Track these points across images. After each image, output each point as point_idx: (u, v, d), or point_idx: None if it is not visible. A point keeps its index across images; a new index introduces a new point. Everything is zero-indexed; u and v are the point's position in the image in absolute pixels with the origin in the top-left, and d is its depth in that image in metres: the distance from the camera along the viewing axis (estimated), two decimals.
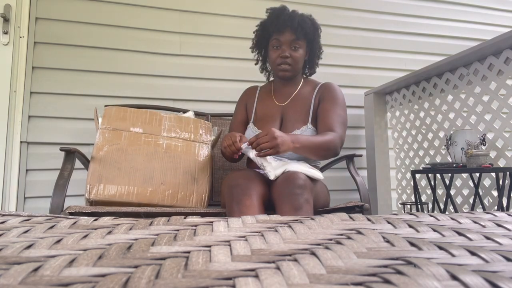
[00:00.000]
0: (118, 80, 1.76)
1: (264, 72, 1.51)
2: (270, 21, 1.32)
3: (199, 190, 1.30)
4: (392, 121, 2.01)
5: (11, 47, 1.66)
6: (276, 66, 1.34)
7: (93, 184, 1.18)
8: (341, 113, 1.31)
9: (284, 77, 1.35)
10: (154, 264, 0.24)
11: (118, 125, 1.30)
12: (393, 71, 2.18)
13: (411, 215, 0.40)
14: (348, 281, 0.21)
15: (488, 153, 1.27)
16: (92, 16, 1.76)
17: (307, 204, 1.00)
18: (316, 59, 1.44)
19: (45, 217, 0.39)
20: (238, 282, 0.21)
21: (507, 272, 0.23)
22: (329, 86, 1.37)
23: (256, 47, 1.44)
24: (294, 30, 1.28)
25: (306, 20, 1.31)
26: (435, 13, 2.36)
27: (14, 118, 1.61)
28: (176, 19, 1.88)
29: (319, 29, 1.38)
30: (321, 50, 1.44)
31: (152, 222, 0.36)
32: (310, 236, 0.31)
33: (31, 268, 0.23)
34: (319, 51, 1.43)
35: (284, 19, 1.28)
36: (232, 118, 1.49)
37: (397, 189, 1.99)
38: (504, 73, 1.31)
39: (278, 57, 1.31)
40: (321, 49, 1.44)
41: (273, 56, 1.33)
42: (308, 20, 1.31)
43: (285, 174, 1.07)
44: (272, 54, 1.34)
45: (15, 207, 1.57)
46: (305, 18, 1.31)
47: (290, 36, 1.29)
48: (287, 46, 1.30)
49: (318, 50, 1.42)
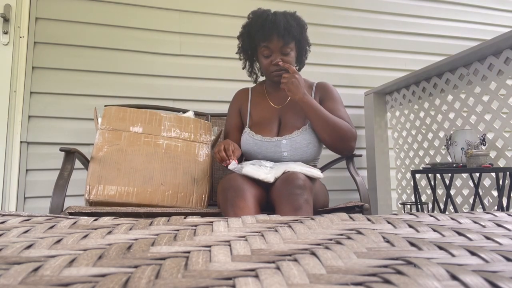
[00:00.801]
0: (118, 80, 1.76)
1: (252, 75, 1.48)
2: (255, 30, 1.29)
3: (199, 190, 1.30)
4: (392, 121, 2.01)
5: (11, 47, 1.66)
6: (270, 73, 1.32)
7: (92, 184, 1.18)
8: (345, 111, 1.34)
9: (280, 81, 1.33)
10: (154, 264, 0.24)
11: (118, 125, 1.30)
12: (393, 71, 2.19)
13: (411, 215, 0.40)
14: (348, 281, 0.21)
15: (488, 153, 1.27)
16: (92, 16, 1.76)
17: (306, 205, 0.99)
18: (305, 54, 1.43)
19: (45, 217, 0.39)
20: (238, 282, 0.21)
21: (507, 272, 0.23)
22: (326, 86, 1.38)
23: (243, 53, 1.42)
24: (281, 36, 1.26)
25: (291, 22, 1.28)
26: (435, 13, 2.36)
27: (14, 118, 1.61)
28: (176, 19, 1.88)
29: (305, 26, 1.36)
30: (310, 45, 1.42)
31: (152, 222, 0.36)
32: (310, 236, 0.31)
33: (31, 268, 0.23)
34: (308, 46, 1.42)
35: (269, 26, 1.25)
36: (226, 124, 1.46)
37: (397, 189, 1.99)
38: (504, 73, 1.31)
39: (271, 65, 1.30)
40: (310, 44, 1.42)
41: (265, 64, 1.31)
42: (293, 22, 1.29)
43: (284, 175, 1.07)
44: (263, 62, 1.32)
45: (15, 207, 1.57)
46: (290, 20, 1.28)
47: (279, 42, 1.27)
48: (278, 52, 1.29)
49: (306, 46, 1.40)
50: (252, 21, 1.32)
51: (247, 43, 1.36)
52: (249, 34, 1.33)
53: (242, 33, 1.38)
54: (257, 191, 1.08)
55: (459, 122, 1.54)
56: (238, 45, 1.42)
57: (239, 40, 1.40)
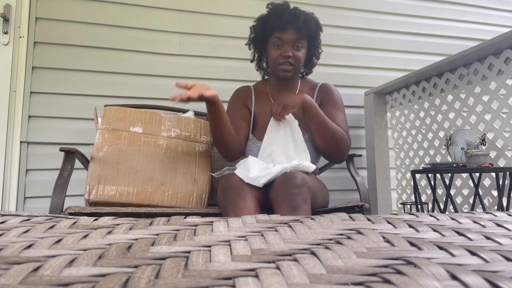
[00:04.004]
0: (118, 80, 1.76)
1: (260, 70, 1.46)
2: (273, 19, 1.27)
3: (199, 190, 1.30)
4: (392, 121, 2.01)
5: (11, 47, 1.66)
6: (277, 66, 1.29)
7: (92, 185, 1.18)
8: (345, 118, 1.31)
9: (285, 77, 1.30)
10: (154, 264, 0.24)
11: (118, 125, 1.30)
12: (393, 71, 2.19)
13: (411, 215, 0.40)
14: (348, 281, 0.21)
15: (488, 153, 1.27)
16: (92, 16, 1.76)
17: (305, 204, 0.99)
18: (315, 59, 1.42)
19: (45, 217, 0.39)
20: (238, 282, 0.21)
21: (507, 272, 0.23)
22: (328, 89, 1.35)
23: (253, 43, 1.38)
24: (298, 29, 1.24)
25: (310, 20, 1.27)
26: (435, 13, 2.36)
27: (14, 118, 1.61)
28: (176, 19, 1.88)
29: (321, 29, 1.35)
30: (321, 51, 1.41)
31: (152, 222, 0.36)
32: (310, 236, 0.31)
33: (31, 268, 0.23)
34: (319, 52, 1.40)
35: (288, 18, 1.24)
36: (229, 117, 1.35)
37: (397, 189, 1.99)
38: (504, 73, 1.31)
39: (280, 56, 1.27)
40: (321, 50, 1.41)
41: (274, 55, 1.28)
42: (312, 20, 1.28)
43: (282, 175, 1.06)
44: (273, 53, 1.28)
45: (15, 207, 1.57)
46: (309, 17, 1.27)
47: (294, 35, 1.25)
48: (290, 45, 1.26)
49: (317, 51, 1.39)
50: (271, 10, 1.29)
51: (260, 32, 1.32)
52: (264, 23, 1.30)
53: (256, 23, 1.35)
54: (257, 191, 1.07)
55: (459, 122, 1.54)
56: (249, 35, 1.39)
57: (251, 30, 1.37)
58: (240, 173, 1.08)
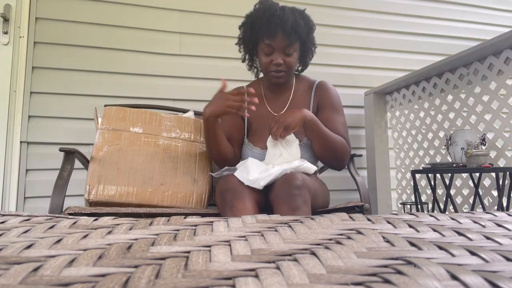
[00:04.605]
0: (118, 80, 1.76)
1: (252, 69, 1.41)
2: (260, 24, 1.20)
3: (199, 190, 1.30)
4: (392, 121, 2.01)
5: (11, 47, 1.66)
6: (269, 73, 1.25)
7: (92, 185, 1.18)
8: (344, 120, 1.29)
9: (278, 83, 1.28)
10: (154, 264, 0.24)
11: (118, 125, 1.30)
12: (393, 71, 2.18)
13: (411, 215, 0.40)
14: (348, 281, 0.21)
15: (488, 153, 1.27)
16: (92, 16, 1.76)
17: (305, 206, 0.98)
18: (310, 55, 1.36)
19: (45, 217, 0.39)
20: (238, 282, 0.21)
21: (507, 272, 0.23)
22: (326, 90, 1.32)
23: (243, 44, 1.33)
24: (287, 35, 1.17)
25: (299, 22, 1.19)
26: (435, 13, 2.36)
27: (14, 118, 1.61)
28: (176, 19, 1.88)
29: (313, 27, 1.28)
30: (315, 46, 1.35)
31: (152, 222, 0.36)
32: (310, 236, 0.31)
33: (31, 268, 0.23)
34: (313, 47, 1.34)
35: (276, 23, 1.16)
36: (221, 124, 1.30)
37: (397, 189, 1.99)
38: (504, 73, 1.31)
39: (271, 64, 1.22)
40: (315, 45, 1.35)
41: (265, 62, 1.23)
42: (301, 21, 1.20)
43: (283, 176, 1.05)
44: (263, 59, 1.24)
45: (15, 207, 1.56)
46: (298, 19, 1.19)
47: (283, 41, 1.18)
48: (280, 52, 1.21)
49: (312, 47, 1.33)
50: (258, 13, 1.22)
51: (249, 35, 1.27)
52: (252, 27, 1.24)
53: (244, 23, 1.29)
54: (256, 193, 1.05)
55: (459, 122, 1.54)
56: (238, 35, 1.34)
57: (241, 30, 1.31)
58: (239, 175, 1.07)
